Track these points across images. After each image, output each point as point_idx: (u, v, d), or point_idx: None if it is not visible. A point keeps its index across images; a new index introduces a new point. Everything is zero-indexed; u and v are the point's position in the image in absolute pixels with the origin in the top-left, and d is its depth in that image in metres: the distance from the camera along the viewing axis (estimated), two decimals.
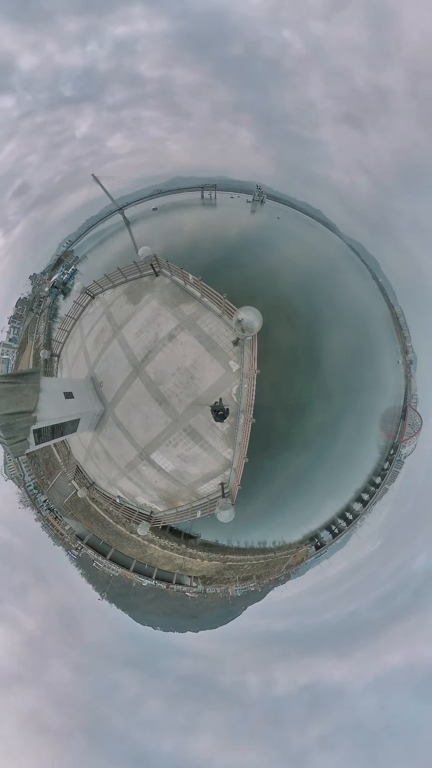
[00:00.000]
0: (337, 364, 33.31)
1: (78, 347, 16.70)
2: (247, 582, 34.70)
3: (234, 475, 12.62)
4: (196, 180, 55.90)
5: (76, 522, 30.91)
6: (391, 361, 44.79)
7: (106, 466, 16.21)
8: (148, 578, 31.53)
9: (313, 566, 42.16)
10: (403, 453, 42.39)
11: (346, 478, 38.30)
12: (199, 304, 13.20)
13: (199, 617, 43.68)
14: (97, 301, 16.75)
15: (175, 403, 12.58)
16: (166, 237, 43.68)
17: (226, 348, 12.09)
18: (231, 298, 11.78)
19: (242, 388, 11.52)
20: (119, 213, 53.08)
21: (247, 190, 53.48)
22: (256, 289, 32.38)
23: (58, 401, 12.08)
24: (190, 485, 14.01)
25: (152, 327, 13.58)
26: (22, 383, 10.74)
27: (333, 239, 54.18)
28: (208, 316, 12.88)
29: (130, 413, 13.74)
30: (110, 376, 14.41)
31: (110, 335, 14.73)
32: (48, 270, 50.95)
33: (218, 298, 11.99)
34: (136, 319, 14.14)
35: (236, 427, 11.86)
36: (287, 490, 31.20)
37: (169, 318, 13.35)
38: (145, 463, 14.11)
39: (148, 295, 14.35)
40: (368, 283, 50.72)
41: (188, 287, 13.62)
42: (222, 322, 12.39)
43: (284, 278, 35.22)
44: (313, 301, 34.85)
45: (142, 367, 13.21)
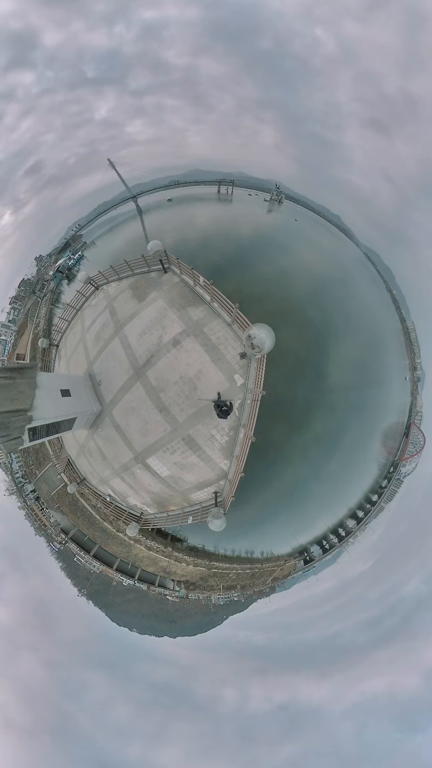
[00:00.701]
0: (342, 375, 33.17)
1: (78, 340, 16.40)
2: (231, 591, 34.52)
3: (229, 486, 12.63)
4: (213, 174, 56.01)
5: (62, 515, 30.86)
6: (398, 377, 44.61)
7: (100, 464, 16.09)
8: (130, 578, 31.44)
9: (299, 581, 41.92)
10: (403, 472, 42.16)
11: (342, 493, 38.09)
12: (207, 309, 12.75)
13: (178, 623, 43.48)
14: (101, 293, 16.33)
15: (176, 412, 12.33)
16: (178, 229, 43.68)
17: (232, 360, 11.72)
18: (238, 299, 11.49)
19: (245, 403, 11.38)
20: (132, 201, 53.15)
21: (266, 189, 53.50)
22: (265, 291, 32.31)
23: (55, 399, 11.91)
24: (183, 491, 14.00)
25: (156, 329, 13.19)
26: (18, 378, 10.54)
27: (349, 246, 54.12)
28: (216, 324, 12.40)
29: (128, 416, 13.51)
30: (110, 376, 14.11)
31: (112, 332, 14.40)
32: (54, 253, 51.03)
33: (230, 306, 11.54)
34: (140, 318, 13.74)
35: (235, 440, 11.88)
36: (280, 501, 31.05)
37: (175, 321, 12.94)
38: (140, 466, 14.02)
39: (154, 292, 13.94)
40: (381, 294, 50.61)
41: (198, 289, 13.18)
42: (231, 331, 11.95)
43: (295, 282, 35.15)
44: (323, 308, 34.76)
45: (144, 371, 12.90)
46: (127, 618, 43.65)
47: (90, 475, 17.76)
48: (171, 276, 14.27)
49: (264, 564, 33.61)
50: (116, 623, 44.61)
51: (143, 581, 31.83)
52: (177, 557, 28.57)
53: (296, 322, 31.72)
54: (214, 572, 31.08)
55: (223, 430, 12.15)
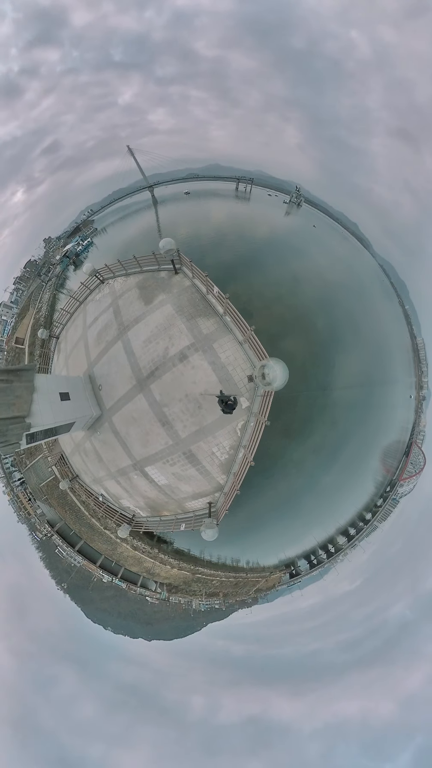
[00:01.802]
0: (346, 389, 33.12)
1: (79, 336, 15.98)
2: (213, 598, 34.46)
3: (224, 498, 12.71)
4: (233, 170, 56.01)
5: (50, 508, 30.78)
6: (403, 394, 44.53)
7: (95, 465, 15.97)
8: (111, 575, 31.41)
9: (283, 594, 41.83)
10: (400, 492, 42.06)
11: (335, 509, 38.00)
12: (219, 322, 12.06)
13: (155, 625, 43.42)
14: (106, 287, 15.74)
15: (178, 427, 12.18)
16: (192, 224, 43.63)
17: (240, 382, 11.33)
18: (246, 299, 11.49)
19: (248, 425, 11.27)
20: (148, 190, 53.15)
21: (285, 190, 53.45)
22: (275, 295, 32.24)
23: (54, 404, 11.70)
24: (179, 499, 14.08)
25: (163, 338, 12.60)
26: (15, 381, 10.29)
27: (364, 256, 54.06)
28: (227, 340, 11.78)
29: (129, 425, 13.29)
30: (111, 381, 13.71)
31: (115, 334, 13.89)
32: (64, 236, 51.03)
33: (244, 327, 11.02)
34: (146, 323, 13.17)
35: (235, 459, 11.95)
36: (271, 511, 30.95)
37: (183, 332, 12.30)
38: (137, 473, 14.01)
39: (163, 295, 13.34)
40: (393, 307, 50.53)
41: (210, 298, 12.49)
42: (241, 350, 11.41)
43: (307, 289, 35.08)
44: (332, 317, 34.69)
45: (147, 383, 12.53)
46: (102, 615, 43.60)
47: (83, 473, 17.69)
48: (182, 278, 13.56)
49: (249, 574, 33.55)
50: (91, 619, 44.58)
51: (126, 580, 31.78)
52: (162, 559, 28.54)
53: (303, 329, 31.65)
54: (197, 577, 31.03)
55: (224, 449, 12.14)
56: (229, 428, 11.82)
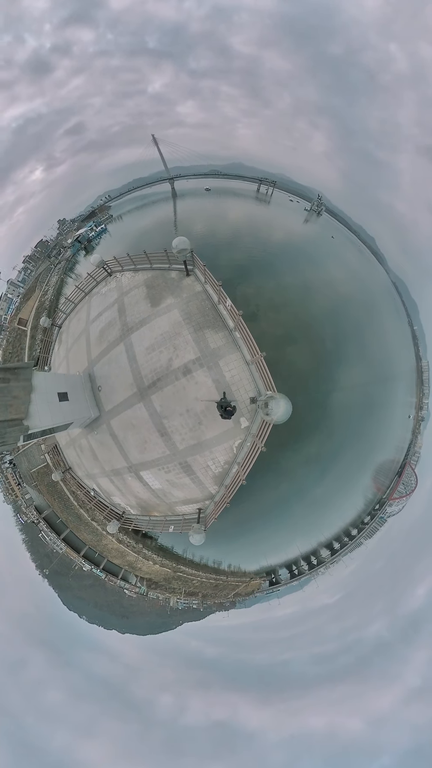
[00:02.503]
0: (346, 402, 33.21)
1: (81, 330, 15.52)
2: (192, 598, 34.63)
3: (213, 507, 12.83)
4: (256, 171, 56.06)
5: (38, 494, 30.82)
6: (402, 413, 44.66)
7: (90, 461, 15.92)
8: (94, 566, 31.57)
9: (261, 601, 42.02)
10: (389, 511, 42.22)
11: (322, 521, 38.14)
12: (228, 337, 11.59)
13: (130, 619, 43.59)
14: (113, 281, 15.21)
15: (177, 439, 12.15)
16: (209, 220, 43.68)
17: (242, 403, 11.25)
18: (256, 303, 11.48)
19: (244, 445, 11.37)
20: (169, 182, 53.15)
21: (307, 197, 53.53)
22: (284, 301, 32.32)
23: (52, 404, 11.47)
24: (170, 503, 14.23)
25: (167, 348, 12.02)
26: (12, 380, 10.04)
27: (378, 272, 54.14)
28: (233, 358, 11.38)
29: (127, 431, 13.17)
30: (111, 384, 13.38)
31: (118, 335, 13.39)
32: (79, 220, 51.04)
33: (254, 349, 10.62)
34: (150, 327, 12.61)
35: (228, 473, 12.09)
36: (258, 517, 31.07)
37: (189, 343, 11.77)
38: (132, 475, 14.03)
39: (171, 298, 12.69)
40: (402, 327, 50.64)
41: (221, 308, 11.86)
42: (247, 371, 11.22)
43: (317, 298, 35.17)
44: (340, 329, 34.79)
45: (148, 394, 12.26)
46: (79, 604, 43.77)
47: (77, 466, 17.68)
48: (193, 282, 12.84)
49: (229, 577, 33.71)
50: (67, 606, 44.75)
51: (107, 572, 31.94)
52: (145, 554, 28.70)
53: (310, 338, 31.74)
54: (178, 575, 31.19)
55: (219, 463, 12.22)
56: (226, 445, 11.90)
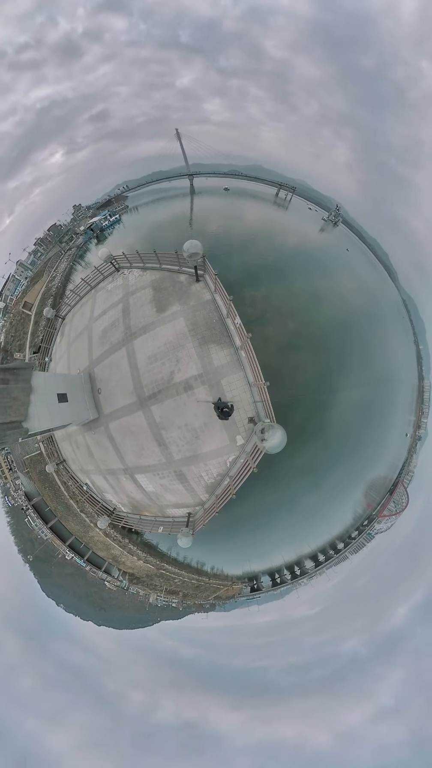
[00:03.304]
0: (344, 414, 33.35)
1: (84, 326, 15.35)
2: (172, 596, 34.77)
3: (203, 513, 13.05)
4: (276, 175, 56.18)
5: (29, 481, 30.94)
6: (399, 431, 44.82)
7: (85, 458, 15.99)
8: (78, 556, 31.74)
9: (241, 606, 42.17)
10: (377, 528, 42.37)
11: (309, 531, 38.26)
12: (233, 355, 11.37)
13: (108, 611, 43.71)
14: (120, 278, 14.96)
15: (173, 450, 12.32)
16: (225, 220, 43.80)
17: (240, 423, 11.33)
18: (264, 307, 11.53)
19: (238, 461, 11.59)
20: (188, 178, 53.27)
21: (325, 206, 53.69)
22: (293, 308, 32.46)
23: (51, 405, 11.38)
24: (161, 505, 14.45)
25: (170, 360, 11.86)
26: (12, 381, 9.95)
27: (389, 288, 54.32)
28: (236, 378, 11.22)
29: (125, 435, 13.26)
30: (111, 389, 13.32)
31: (120, 338, 13.20)
32: (94, 207, 51.17)
33: (258, 375, 10.58)
34: (154, 335, 12.35)
35: (219, 484, 12.31)
36: (245, 521, 31.18)
37: (192, 358, 11.59)
38: (127, 477, 14.19)
39: (177, 305, 12.41)
40: (408, 345, 50.81)
41: (229, 323, 11.63)
42: (249, 393, 11.21)
43: (326, 309, 35.31)
44: (345, 342, 34.94)
45: (148, 404, 12.26)
46: (58, 591, 43.88)
47: (71, 460, 17.76)
48: (202, 289, 12.48)
49: (211, 579, 33.85)
50: (45, 593, 44.85)
51: (91, 563, 32.11)
52: (130, 549, 28.89)
53: (314, 347, 31.86)
54: (161, 573, 31.35)
55: (212, 474, 12.42)
56: (221, 459, 12.09)
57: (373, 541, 43.33)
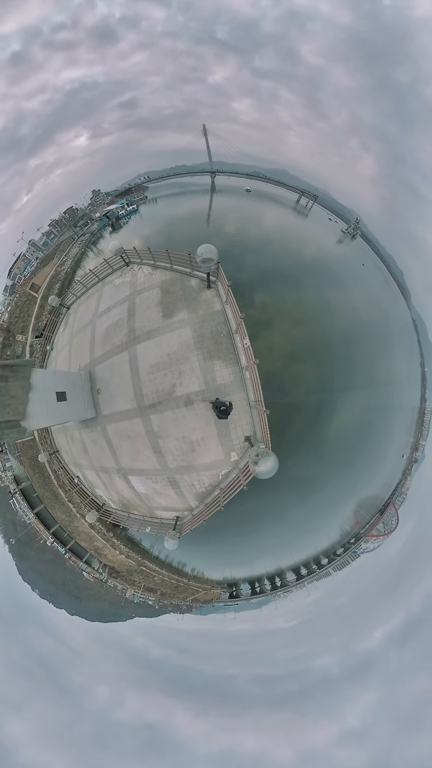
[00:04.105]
0: (342, 429, 33.36)
1: (88, 320, 15.19)
2: (150, 594, 34.69)
3: (191, 519, 13.31)
4: (299, 182, 56.34)
5: (20, 464, 30.92)
6: (396, 451, 44.80)
7: (79, 452, 16.05)
8: (60, 543, 31.72)
9: (218, 612, 42.08)
10: (363, 547, 42.27)
11: (294, 544, 38.24)
12: (237, 374, 11.27)
13: (83, 602, 43.58)
14: (129, 273, 14.73)
15: (169, 459, 12.54)
16: (243, 222, 43.91)
17: (236, 440, 11.55)
18: (274, 313, 11.55)
19: (230, 475, 11.90)
20: (210, 175, 53.45)
21: (345, 218, 53.79)
22: (301, 316, 32.53)
23: (49, 404, 11.39)
24: (151, 507, 14.71)
25: (173, 372, 11.81)
26: (11, 379, 9.87)
27: (401, 306, 54.36)
28: (238, 398, 11.25)
29: (121, 439, 13.37)
30: (110, 391, 13.33)
31: (123, 341, 13.08)
32: (113, 195, 51.32)
33: (260, 402, 10.71)
34: (158, 342, 12.26)
35: (210, 494, 12.61)
36: (230, 526, 31.09)
37: (195, 373, 11.50)
38: (120, 477, 14.36)
39: (185, 312, 12.21)
40: (413, 366, 50.86)
41: (237, 339, 11.44)
42: (248, 413, 11.42)
43: (335, 320, 35.38)
44: (351, 356, 34.98)
45: (147, 413, 12.35)
46: (33, 576, 43.75)
47: (65, 452, 17.78)
48: (213, 297, 12.23)
49: (191, 581, 33.82)
50: (22, 576, 44.71)
51: (72, 552, 32.15)
52: (114, 543, 28.91)
53: (319, 359, 31.92)
54: (141, 569, 31.37)
55: (204, 484, 12.66)
56: (214, 472, 12.31)
57: (358, 560, 43.23)
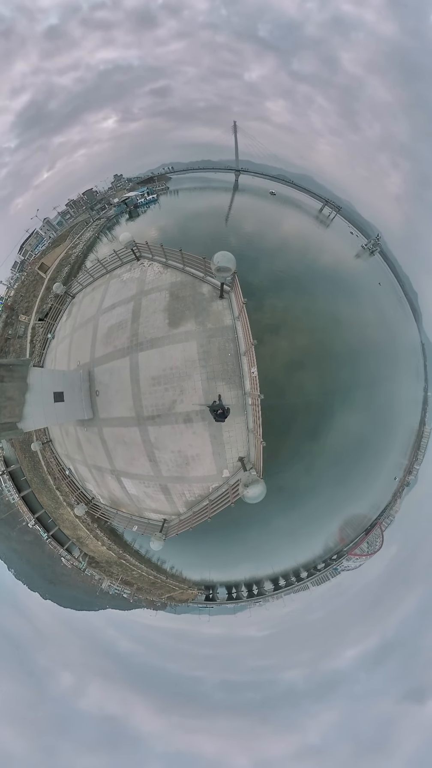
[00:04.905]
0: (337, 444, 33.36)
1: (91, 315, 14.73)
2: (126, 587, 34.86)
3: (177, 523, 13.53)
4: (324, 191, 56.30)
5: (10, 446, 31.04)
6: (389, 473, 44.86)
7: (73, 447, 16.02)
8: (40, 526, 31.91)
9: (192, 612, 42.25)
10: (344, 565, 42.40)
11: (275, 553, 38.30)
12: (240, 398, 11.25)
13: (57, 587, 43.73)
14: (138, 269, 14.02)
15: (163, 468, 12.62)
16: (261, 224, 43.89)
17: (229, 459, 11.71)
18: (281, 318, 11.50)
19: (220, 489, 12.14)
20: (235, 173, 53.44)
21: (365, 232, 53.77)
22: (309, 324, 32.49)
23: (46, 405, 11.28)
24: (140, 507, 14.89)
25: (174, 388, 11.55)
26: (8, 379, 9.68)
27: (410, 329, 54.39)
28: (236, 422, 11.23)
29: (117, 443, 13.36)
30: (109, 396, 13.10)
31: (125, 345, 12.61)
32: (135, 181, 51.34)
33: (258, 430, 10.65)
34: (161, 353, 11.80)
35: (199, 503, 12.95)
36: (213, 528, 31.09)
37: (197, 392, 11.32)
38: (113, 477, 14.46)
39: (192, 323, 11.62)
40: (417, 389, 50.90)
41: (244, 362, 10.98)
42: (245, 435, 11.46)
43: (343, 334, 35.38)
44: (355, 372, 35.01)
45: (145, 424, 12.26)
46: (12, 556, 43.84)
47: (58, 443, 17.75)
48: (223, 309, 11.65)
49: (169, 579, 34.03)
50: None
51: (55, 539, 32.40)
52: (97, 534, 29.12)
53: (322, 370, 31.91)
54: (121, 562, 31.58)
55: (194, 494, 12.89)
56: (205, 484, 12.54)
57: (338, 577, 43.34)
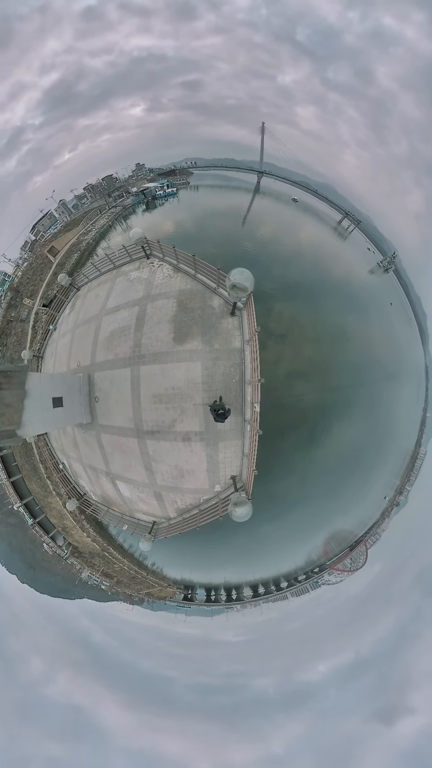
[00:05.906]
0: (331, 457, 33.60)
1: (95, 314, 14.46)
2: (106, 579, 35.05)
3: (167, 527, 13.89)
4: (345, 202, 56.49)
5: None
6: (379, 491, 45.16)
7: (69, 445, 16.10)
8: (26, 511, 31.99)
9: (168, 611, 42.53)
10: (326, 579, 42.73)
11: (257, 560, 38.52)
12: (239, 423, 11.33)
13: (36, 572, 43.86)
14: (147, 268, 13.50)
15: (158, 478, 13.00)
16: (280, 231, 43.97)
17: (222, 476, 12.21)
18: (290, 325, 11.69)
19: (210, 502, 12.62)
20: (257, 175, 53.53)
21: (382, 249, 54.02)
22: (317, 335, 32.67)
23: (45, 411, 11.24)
24: (131, 508, 15.27)
25: (175, 409, 11.59)
26: (5, 385, 9.54)
27: (417, 349, 54.72)
28: (233, 444, 11.42)
29: (115, 450, 13.56)
30: (108, 405, 13.15)
31: (127, 354, 12.43)
32: (156, 173, 51.34)
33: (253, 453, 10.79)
34: (163, 371, 11.64)
35: (189, 511, 13.35)
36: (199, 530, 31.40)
37: (197, 415, 11.42)
38: (107, 479, 14.76)
39: (198, 342, 11.35)
40: (416, 410, 51.26)
41: (248, 392, 10.76)
42: (240, 457, 11.74)
43: (349, 348, 35.62)
44: (357, 386, 35.26)
45: (144, 437, 12.46)
46: None
47: (54, 438, 17.90)
48: (233, 328, 11.32)
49: (149, 575, 34.24)
50: None
51: (40, 526, 32.56)
52: (83, 526, 29.32)
53: (324, 382, 32.11)
54: (104, 555, 31.73)
55: (186, 502, 13.34)
56: (197, 496, 13.00)
57: (318, 590, 43.68)
